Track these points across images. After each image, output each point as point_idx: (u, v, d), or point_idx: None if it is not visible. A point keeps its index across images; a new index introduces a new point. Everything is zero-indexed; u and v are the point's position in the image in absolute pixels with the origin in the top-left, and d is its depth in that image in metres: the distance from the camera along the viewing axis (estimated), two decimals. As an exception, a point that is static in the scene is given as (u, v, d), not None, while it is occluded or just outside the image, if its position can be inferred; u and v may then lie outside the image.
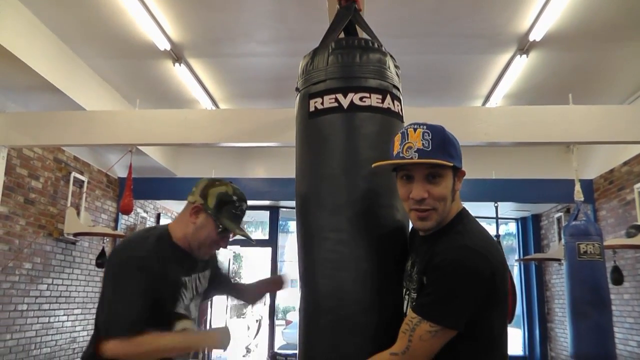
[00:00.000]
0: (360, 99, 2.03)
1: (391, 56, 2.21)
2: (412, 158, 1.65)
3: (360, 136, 2.02)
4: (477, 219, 1.80)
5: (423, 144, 1.65)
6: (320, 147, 2.06)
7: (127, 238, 2.25)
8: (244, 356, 11.78)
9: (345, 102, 2.03)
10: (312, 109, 2.09)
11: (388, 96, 2.08)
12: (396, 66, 2.22)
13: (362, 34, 2.43)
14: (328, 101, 2.05)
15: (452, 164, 1.68)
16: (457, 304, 1.56)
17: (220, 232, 2.17)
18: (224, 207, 2.16)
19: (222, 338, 2.05)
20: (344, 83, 2.06)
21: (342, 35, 2.37)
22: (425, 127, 1.69)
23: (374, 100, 2.04)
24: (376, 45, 2.17)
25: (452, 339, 1.57)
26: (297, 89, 2.23)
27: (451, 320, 1.55)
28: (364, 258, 1.89)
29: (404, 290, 1.81)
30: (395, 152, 1.71)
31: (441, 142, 1.68)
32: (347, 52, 2.11)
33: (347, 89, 2.04)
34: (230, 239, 2.28)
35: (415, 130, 1.68)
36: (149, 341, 1.91)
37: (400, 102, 2.15)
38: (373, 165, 1.79)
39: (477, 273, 1.57)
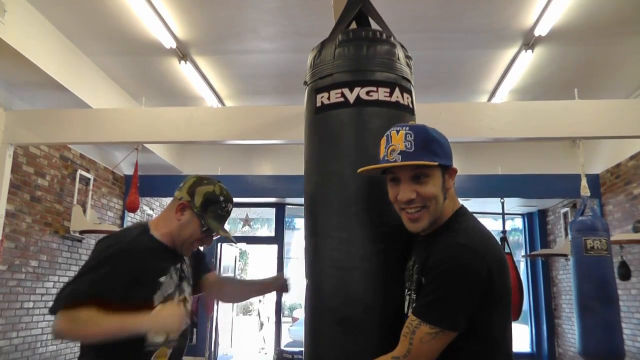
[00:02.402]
0: (367, 93, 1.98)
1: (402, 46, 2.15)
2: (395, 161, 1.65)
3: (367, 132, 1.97)
4: (480, 215, 1.78)
5: (405, 145, 1.65)
6: (326, 143, 2.03)
7: (112, 233, 2.21)
8: (266, 354, 11.84)
9: (351, 97, 1.99)
10: (318, 104, 2.05)
11: (397, 89, 2.02)
12: (407, 56, 2.16)
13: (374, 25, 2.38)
14: (334, 96, 2.01)
15: (436, 163, 1.66)
16: (454, 304, 1.54)
17: (204, 231, 2.14)
18: (209, 206, 2.14)
19: (167, 323, 1.92)
20: (350, 77, 2.02)
21: (354, 25, 2.32)
22: (407, 128, 1.68)
23: (381, 94, 1.99)
24: (384, 36, 2.10)
25: (453, 339, 1.56)
26: (305, 83, 2.19)
27: (450, 321, 1.53)
28: (368, 256, 1.87)
29: (406, 290, 1.81)
30: (381, 156, 1.71)
31: (424, 141, 1.66)
32: (354, 44, 2.06)
33: (354, 83, 2.00)
34: (214, 238, 2.25)
35: (397, 132, 1.68)
36: (87, 317, 1.82)
37: (410, 94, 2.10)
38: (358, 171, 1.78)
39: (473, 271, 1.55)
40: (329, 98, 2.02)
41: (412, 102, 2.10)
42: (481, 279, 1.55)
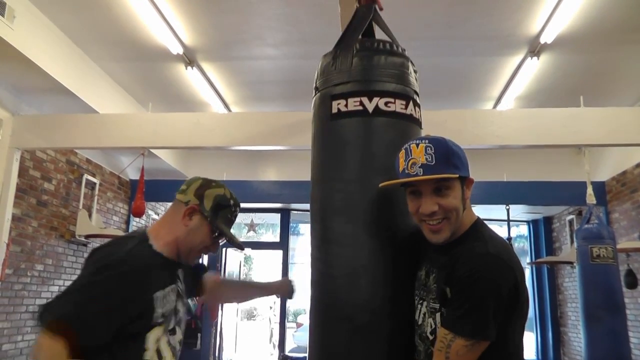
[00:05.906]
0: (386, 104, 1.99)
1: (411, 61, 2.16)
2: (417, 174, 1.65)
3: (382, 142, 1.98)
4: (485, 222, 1.79)
5: (426, 158, 1.65)
6: (340, 150, 2.01)
7: (106, 243, 2.01)
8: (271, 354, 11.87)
9: (370, 107, 1.98)
10: (334, 110, 2.03)
11: (411, 102, 2.04)
12: (415, 71, 2.18)
13: (379, 34, 2.38)
14: (352, 104, 2.00)
15: (457, 175, 1.67)
16: (487, 314, 1.54)
17: (215, 237, 2.01)
18: (220, 211, 2.00)
19: None
20: (369, 86, 2.01)
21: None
22: (427, 141, 1.68)
23: (398, 105, 2.00)
24: (400, 49, 2.12)
25: None
26: (316, 89, 2.16)
27: (484, 332, 1.54)
28: (378, 264, 1.87)
29: (417, 298, 1.80)
30: (400, 169, 1.71)
31: (444, 154, 1.67)
32: (372, 54, 2.06)
33: (373, 93, 1.99)
34: (220, 244, 2.10)
35: (417, 145, 1.68)
36: (53, 353, 1.63)
37: (420, 108, 2.12)
38: (380, 186, 1.79)
39: (503, 282, 1.56)
40: (346, 105, 2.01)
41: (420, 116, 2.12)
42: (510, 290, 1.56)
